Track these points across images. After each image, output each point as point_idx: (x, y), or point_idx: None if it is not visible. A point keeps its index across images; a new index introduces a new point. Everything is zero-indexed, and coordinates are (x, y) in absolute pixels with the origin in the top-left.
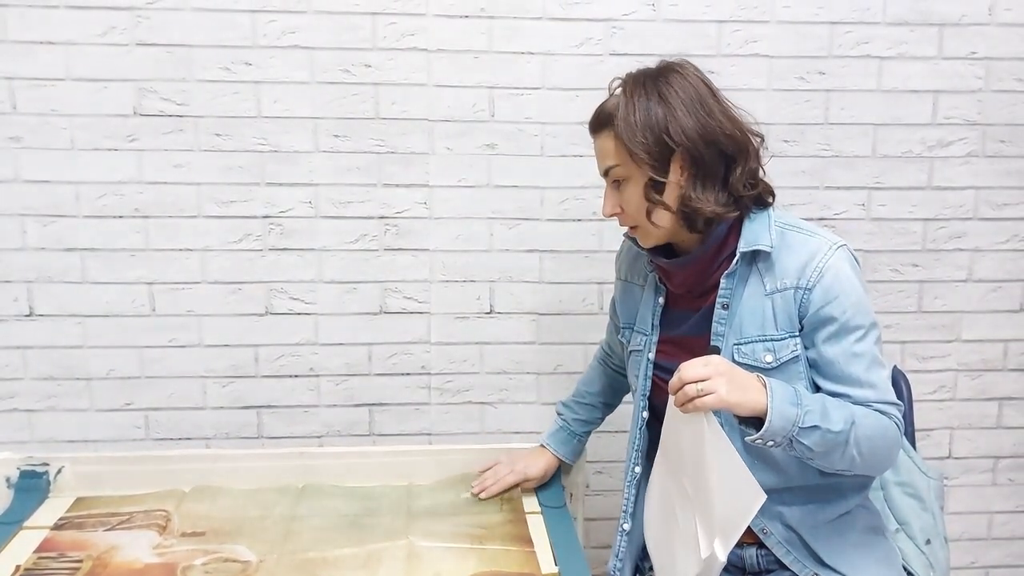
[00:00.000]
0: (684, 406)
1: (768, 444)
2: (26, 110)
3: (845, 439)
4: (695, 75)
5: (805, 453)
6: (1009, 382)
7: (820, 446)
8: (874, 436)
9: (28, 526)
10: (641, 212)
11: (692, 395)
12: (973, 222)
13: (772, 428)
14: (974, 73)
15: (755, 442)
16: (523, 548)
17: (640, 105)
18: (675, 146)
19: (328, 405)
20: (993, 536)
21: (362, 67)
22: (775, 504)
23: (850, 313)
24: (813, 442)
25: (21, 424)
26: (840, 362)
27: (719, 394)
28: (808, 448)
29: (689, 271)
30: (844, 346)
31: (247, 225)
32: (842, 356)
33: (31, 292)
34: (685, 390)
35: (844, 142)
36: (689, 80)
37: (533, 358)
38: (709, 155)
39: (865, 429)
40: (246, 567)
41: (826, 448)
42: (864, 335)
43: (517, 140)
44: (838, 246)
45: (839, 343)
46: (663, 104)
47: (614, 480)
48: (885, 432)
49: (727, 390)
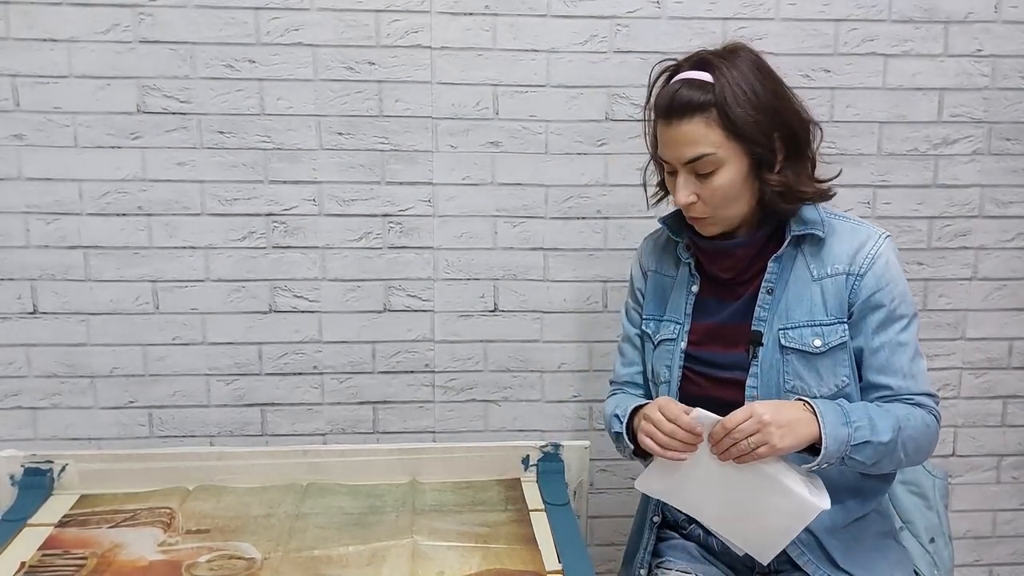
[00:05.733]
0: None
1: (822, 467)
2: (29, 107)
3: (894, 447)
4: (763, 60)
5: (856, 467)
6: (1014, 380)
7: (871, 458)
8: (918, 436)
9: (32, 523)
10: (732, 199)
11: (745, 451)
12: (978, 220)
13: (828, 453)
14: (980, 71)
15: (811, 469)
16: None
17: (744, 84)
18: (777, 126)
19: (332, 403)
20: (997, 534)
21: (366, 64)
22: None
23: (897, 302)
24: (865, 456)
25: (25, 421)
26: (886, 351)
27: (771, 445)
28: (860, 463)
29: (740, 254)
30: (890, 335)
31: (251, 223)
32: (888, 345)
33: (35, 290)
34: (739, 446)
35: (849, 140)
36: (763, 61)
37: (537, 356)
38: (801, 137)
39: (910, 431)
40: (251, 565)
41: (877, 459)
42: (908, 324)
43: (521, 138)
44: (885, 236)
45: (886, 331)
46: (760, 83)
47: (618, 478)
48: (927, 429)
49: (779, 438)
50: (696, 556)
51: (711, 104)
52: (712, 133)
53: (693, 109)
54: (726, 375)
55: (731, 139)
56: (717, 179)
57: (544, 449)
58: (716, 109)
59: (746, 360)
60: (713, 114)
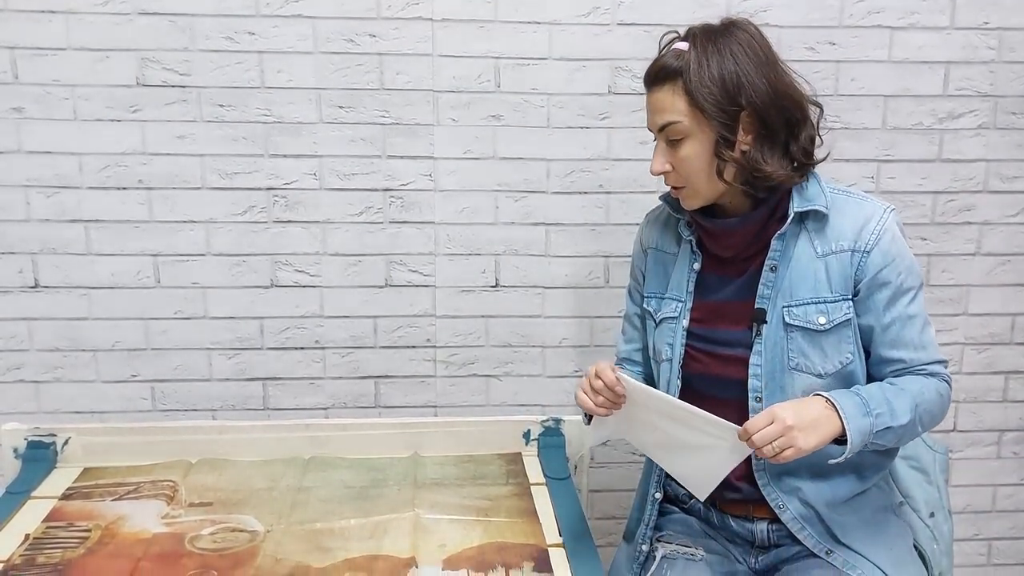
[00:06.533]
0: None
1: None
2: (28, 80)
3: (913, 425)
4: (760, 36)
5: (879, 450)
6: (1016, 356)
7: (892, 441)
8: (932, 407)
9: (36, 496)
10: (699, 171)
11: (769, 456)
12: (983, 195)
13: (853, 446)
14: (987, 43)
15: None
16: (528, 519)
17: (713, 60)
18: (744, 105)
19: (334, 377)
20: (997, 508)
21: (366, 37)
22: (794, 480)
23: (904, 275)
24: (887, 440)
25: (28, 395)
26: (896, 326)
27: (797, 447)
28: (882, 446)
29: (741, 233)
30: (899, 309)
31: (251, 197)
32: (899, 320)
33: (36, 264)
34: (763, 451)
35: (854, 113)
36: (756, 40)
37: (538, 331)
38: (775, 118)
39: (925, 404)
40: (253, 537)
41: (898, 439)
42: (915, 296)
43: (523, 111)
44: (891, 210)
45: (895, 307)
46: (735, 61)
47: (618, 452)
48: (940, 398)
49: (803, 440)
50: (696, 530)
51: (678, 74)
52: (679, 102)
53: (664, 77)
54: (729, 352)
55: (694, 110)
56: (684, 149)
57: (545, 423)
58: (682, 79)
59: (749, 338)
60: (680, 84)
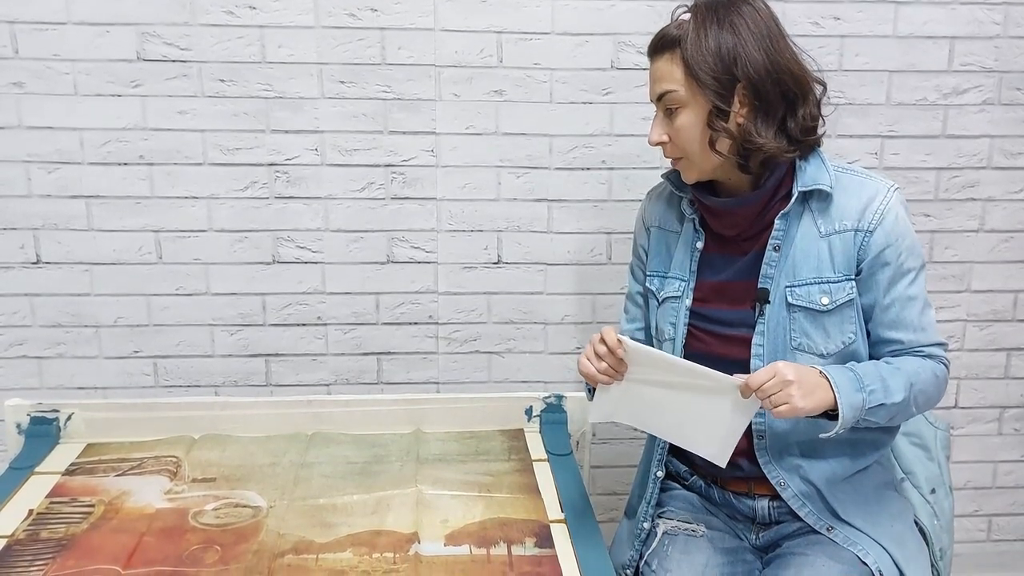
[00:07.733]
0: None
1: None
2: (28, 55)
3: (907, 404)
4: (766, 11)
5: (871, 427)
6: (1018, 333)
7: (885, 419)
8: (928, 388)
9: (40, 471)
10: (694, 142)
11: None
12: (987, 171)
13: (844, 421)
14: (992, 18)
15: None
16: (530, 495)
17: (711, 31)
18: (740, 77)
19: (336, 354)
20: (998, 485)
21: (368, 11)
22: (795, 457)
23: (906, 255)
24: (879, 417)
25: (31, 371)
26: (896, 306)
27: (793, 404)
28: (874, 423)
29: (744, 212)
30: (900, 290)
31: (253, 172)
32: (899, 300)
33: (37, 239)
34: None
35: (858, 89)
36: (760, 15)
37: (541, 308)
38: (772, 92)
39: (921, 385)
40: (256, 513)
41: (890, 417)
42: (916, 277)
43: (526, 87)
44: (894, 188)
45: (896, 287)
46: (734, 34)
47: (620, 428)
48: (936, 380)
49: (800, 398)
50: (698, 507)
51: (677, 43)
52: (676, 71)
53: (663, 46)
54: (732, 332)
55: (690, 80)
56: (679, 119)
57: (547, 400)
58: (680, 48)
59: (752, 317)
60: (677, 53)
